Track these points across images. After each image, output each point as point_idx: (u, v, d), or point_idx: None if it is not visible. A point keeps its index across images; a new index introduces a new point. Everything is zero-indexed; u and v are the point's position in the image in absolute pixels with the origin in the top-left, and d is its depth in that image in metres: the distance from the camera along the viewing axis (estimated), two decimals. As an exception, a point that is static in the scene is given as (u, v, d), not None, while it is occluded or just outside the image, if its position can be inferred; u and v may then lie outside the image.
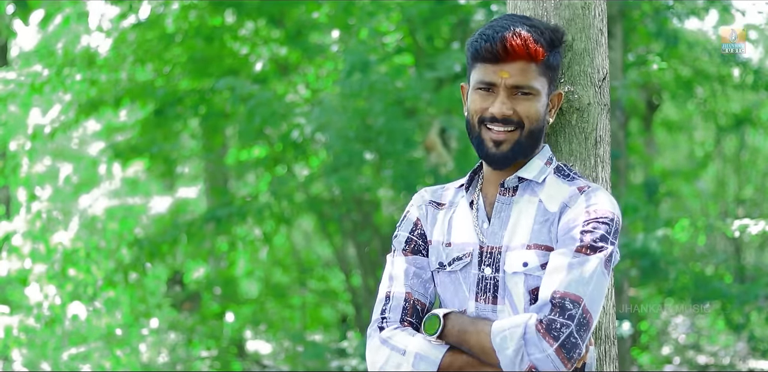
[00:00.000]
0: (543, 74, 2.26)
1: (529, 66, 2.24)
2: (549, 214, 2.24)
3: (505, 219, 2.28)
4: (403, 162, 6.76)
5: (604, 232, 2.19)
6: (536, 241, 2.23)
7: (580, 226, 2.19)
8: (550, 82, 2.30)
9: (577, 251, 2.16)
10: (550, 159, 2.34)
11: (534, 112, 2.26)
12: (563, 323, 2.10)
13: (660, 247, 6.50)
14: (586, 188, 2.27)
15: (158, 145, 8.39)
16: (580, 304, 2.12)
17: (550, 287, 2.14)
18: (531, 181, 2.30)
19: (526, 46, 2.22)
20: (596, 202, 2.23)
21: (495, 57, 2.23)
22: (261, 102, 6.87)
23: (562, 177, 2.32)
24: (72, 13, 7.84)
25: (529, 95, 2.25)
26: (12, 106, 8.08)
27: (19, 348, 7.29)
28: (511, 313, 2.22)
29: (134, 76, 8.03)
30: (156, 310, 8.50)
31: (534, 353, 2.09)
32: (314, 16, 7.89)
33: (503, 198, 2.30)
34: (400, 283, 2.33)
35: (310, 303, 10.47)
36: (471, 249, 2.29)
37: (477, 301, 2.26)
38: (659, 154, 12.58)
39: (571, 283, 2.13)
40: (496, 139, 2.26)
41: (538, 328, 2.10)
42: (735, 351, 9.84)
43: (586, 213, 2.21)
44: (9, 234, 7.76)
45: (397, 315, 2.29)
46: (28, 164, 8.43)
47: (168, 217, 8.86)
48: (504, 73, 2.24)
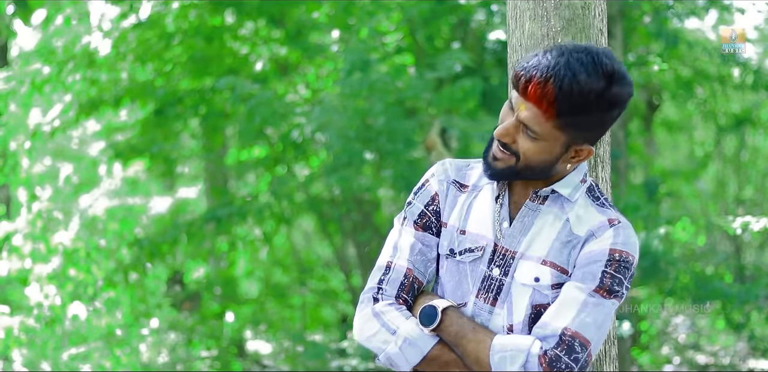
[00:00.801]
0: (560, 128, 2.13)
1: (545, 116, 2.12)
2: (573, 236, 2.22)
3: (527, 225, 2.25)
4: (403, 162, 6.76)
5: (622, 277, 2.18)
6: (553, 260, 2.20)
7: (602, 264, 2.17)
8: (573, 139, 2.16)
9: (596, 291, 2.16)
10: (585, 175, 2.29)
11: (533, 152, 2.16)
12: (567, 364, 2.10)
13: (661, 246, 6.51)
14: (616, 222, 2.23)
15: (158, 144, 8.39)
16: (587, 348, 2.12)
17: (561, 320, 2.13)
18: (563, 197, 2.26)
19: (539, 101, 2.10)
20: (624, 242, 2.20)
21: (517, 90, 2.15)
22: (261, 101, 6.87)
23: (593, 199, 2.28)
24: (72, 13, 7.85)
25: (534, 138, 2.15)
26: (12, 106, 8.08)
27: (19, 348, 7.29)
28: (506, 319, 2.21)
29: (134, 75, 8.03)
30: (156, 310, 8.50)
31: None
32: (314, 16, 7.89)
33: (532, 204, 2.26)
34: (404, 256, 2.29)
35: (310, 303, 10.47)
36: (485, 243, 2.26)
37: (477, 297, 2.25)
38: (659, 154, 12.58)
39: (585, 324, 2.13)
40: (494, 154, 2.22)
41: (541, 360, 2.10)
42: (735, 351, 9.84)
43: (611, 252, 2.18)
44: (9, 234, 7.76)
45: (393, 289, 2.27)
46: (28, 164, 8.43)
47: (168, 217, 8.86)
48: (522, 106, 2.14)
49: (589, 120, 2.13)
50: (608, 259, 2.18)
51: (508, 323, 2.21)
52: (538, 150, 2.16)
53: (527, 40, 2.53)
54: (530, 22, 2.53)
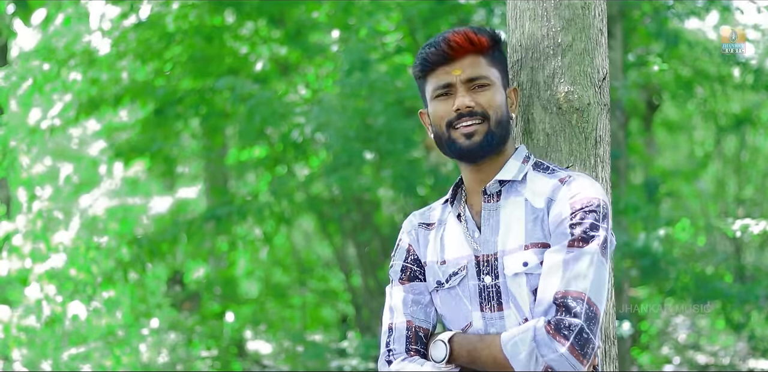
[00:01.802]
0: (493, 65, 2.30)
1: (478, 58, 2.28)
2: (537, 210, 2.24)
3: (494, 225, 2.27)
4: (403, 162, 6.76)
5: (592, 220, 2.18)
6: (532, 240, 2.22)
7: (567, 219, 2.19)
8: (503, 75, 2.34)
9: (570, 246, 2.16)
10: (527, 157, 2.34)
11: (495, 101, 2.28)
12: (571, 322, 2.10)
13: (661, 246, 6.50)
14: (566, 178, 2.26)
15: (158, 144, 8.39)
16: (584, 299, 2.12)
17: (550, 288, 2.14)
18: (513, 182, 2.29)
19: (469, 39, 2.27)
20: (578, 191, 2.22)
21: (443, 57, 2.28)
22: (260, 101, 6.87)
23: (542, 170, 2.31)
24: (73, 13, 7.85)
25: (486, 86, 2.28)
26: (13, 105, 8.08)
27: (20, 348, 7.29)
28: (518, 316, 2.22)
29: (135, 75, 8.03)
30: (156, 310, 8.51)
31: (547, 354, 2.09)
32: (314, 15, 7.89)
33: (488, 205, 2.29)
34: (400, 312, 2.34)
35: (310, 303, 10.47)
36: (465, 262, 2.28)
37: (483, 310, 2.26)
38: (659, 154, 12.58)
39: (570, 280, 2.13)
40: (467, 131, 2.27)
41: (547, 329, 2.10)
42: (735, 351, 9.84)
43: (571, 205, 2.20)
44: (9, 233, 7.76)
45: (401, 346, 2.30)
46: (28, 164, 8.43)
47: (168, 217, 8.85)
48: (456, 70, 2.28)
49: (501, 51, 2.34)
50: (570, 213, 2.19)
51: (522, 318, 2.22)
52: (495, 96, 2.29)
53: (527, 40, 2.53)
54: (530, 22, 2.53)
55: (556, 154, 2.47)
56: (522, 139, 2.53)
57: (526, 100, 2.52)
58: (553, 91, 2.49)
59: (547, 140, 2.48)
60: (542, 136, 2.49)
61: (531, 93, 2.51)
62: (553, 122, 2.48)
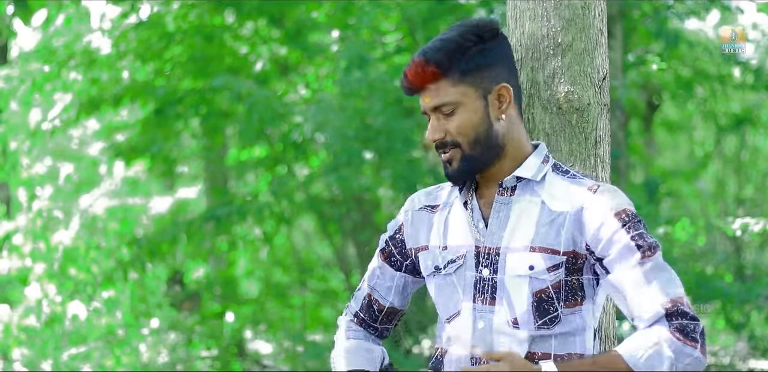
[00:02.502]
0: (460, 82, 2.22)
1: (438, 84, 2.23)
2: (554, 214, 2.21)
3: (503, 219, 2.25)
4: (402, 161, 6.77)
5: (643, 229, 2.19)
6: (542, 244, 2.19)
7: (623, 232, 2.17)
8: (479, 83, 2.24)
9: (643, 258, 2.16)
10: (547, 157, 2.31)
11: (463, 125, 2.23)
12: (689, 324, 2.11)
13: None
14: (595, 187, 2.23)
15: (158, 144, 8.39)
16: (685, 302, 2.14)
17: (652, 303, 2.13)
18: (530, 181, 2.26)
19: (417, 73, 2.22)
20: (618, 201, 2.20)
21: (409, 90, 2.28)
22: (259, 101, 6.87)
23: (562, 174, 2.28)
24: (74, 13, 7.85)
25: (453, 111, 2.24)
26: (13, 105, 8.08)
27: (19, 347, 7.30)
28: (508, 313, 2.20)
29: (135, 75, 8.04)
30: (156, 310, 8.51)
31: (684, 360, 2.10)
32: (314, 15, 7.89)
33: (501, 198, 2.26)
34: (366, 280, 2.44)
35: (310, 303, 10.47)
36: (465, 251, 2.27)
37: (475, 302, 2.24)
38: (659, 154, 12.59)
39: (665, 289, 2.13)
40: (445, 159, 2.27)
41: (678, 337, 2.10)
42: (735, 351, 9.83)
43: (617, 216, 2.18)
44: (9, 233, 7.77)
45: (357, 305, 2.44)
46: (28, 164, 8.44)
47: (168, 218, 8.86)
48: (425, 98, 2.27)
49: (473, 60, 2.22)
50: (621, 225, 2.17)
51: (512, 317, 2.20)
52: (465, 117, 2.23)
53: (527, 40, 2.53)
54: (530, 22, 2.53)
55: (556, 154, 2.47)
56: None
57: (526, 100, 2.51)
58: (553, 91, 2.49)
59: (547, 140, 2.48)
60: (542, 136, 2.49)
61: (531, 93, 2.51)
62: (553, 122, 2.47)
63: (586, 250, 2.20)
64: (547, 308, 2.19)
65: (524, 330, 2.19)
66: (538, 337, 2.19)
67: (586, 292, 2.23)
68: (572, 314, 2.21)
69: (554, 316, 2.20)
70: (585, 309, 2.23)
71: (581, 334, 2.22)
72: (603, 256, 2.18)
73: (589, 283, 2.23)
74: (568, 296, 2.20)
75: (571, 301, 2.21)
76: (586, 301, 2.23)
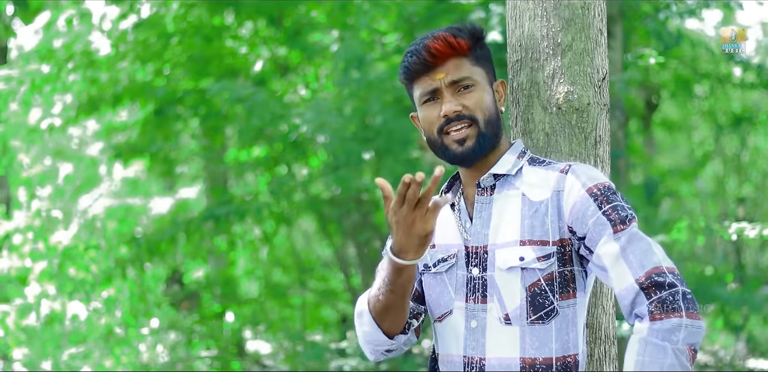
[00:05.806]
0: (477, 64, 2.29)
1: (460, 60, 2.27)
2: (536, 204, 2.23)
3: (486, 218, 2.27)
4: (401, 161, 6.77)
5: (618, 201, 2.18)
6: (530, 237, 2.21)
7: (595, 207, 2.17)
8: (488, 72, 2.32)
9: (616, 232, 2.15)
10: (523, 152, 2.34)
11: (482, 101, 2.27)
12: (670, 293, 2.07)
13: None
14: (567, 168, 2.25)
15: (158, 144, 8.39)
16: (662, 269, 2.11)
17: (628, 278, 2.11)
18: (507, 176, 2.29)
19: (449, 44, 2.26)
20: (588, 176, 2.22)
21: (425, 64, 2.27)
22: (257, 103, 6.88)
23: (537, 164, 2.30)
24: (75, 13, 7.85)
25: (471, 87, 2.27)
26: (13, 105, 8.08)
27: (19, 347, 7.30)
28: (500, 310, 2.21)
29: (134, 75, 8.04)
30: (155, 310, 8.51)
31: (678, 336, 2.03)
32: (313, 14, 7.89)
33: (482, 198, 2.29)
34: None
35: (310, 303, 10.47)
36: (455, 250, 2.28)
37: (467, 301, 2.25)
38: (659, 154, 12.59)
39: (640, 263, 2.11)
40: (458, 137, 2.26)
41: (656, 317, 2.04)
42: (735, 351, 9.84)
43: (589, 192, 2.19)
44: (9, 233, 7.77)
45: None
46: (28, 163, 8.44)
47: (168, 218, 8.86)
48: (439, 75, 2.27)
49: (484, 48, 2.33)
50: (593, 200, 2.18)
51: (503, 313, 2.21)
52: (482, 96, 2.28)
53: (527, 40, 2.53)
54: (530, 22, 2.53)
55: (555, 154, 2.47)
56: (522, 140, 2.53)
57: (525, 100, 2.52)
58: (552, 91, 2.49)
59: (547, 140, 2.48)
60: (542, 136, 2.49)
61: (531, 93, 2.51)
62: (552, 122, 2.48)
63: (570, 233, 2.21)
64: (542, 302, 2.20)
65: (515, 325, 2.20)
66: (530, 333, 2.19)
67: (578, 283, 2.23)
68: (568, 307, 2.21)
69: (550, 310, 2.20)
70: (579, 302, 2.23)
71: (573, 330, 2.22)
72: (583, 236, 2.19)
73: (579, 274, 2.24)
74: (562, 288, 2.21)
75: (565, 293, 2.21)
76: (579, 293, 2.23)
